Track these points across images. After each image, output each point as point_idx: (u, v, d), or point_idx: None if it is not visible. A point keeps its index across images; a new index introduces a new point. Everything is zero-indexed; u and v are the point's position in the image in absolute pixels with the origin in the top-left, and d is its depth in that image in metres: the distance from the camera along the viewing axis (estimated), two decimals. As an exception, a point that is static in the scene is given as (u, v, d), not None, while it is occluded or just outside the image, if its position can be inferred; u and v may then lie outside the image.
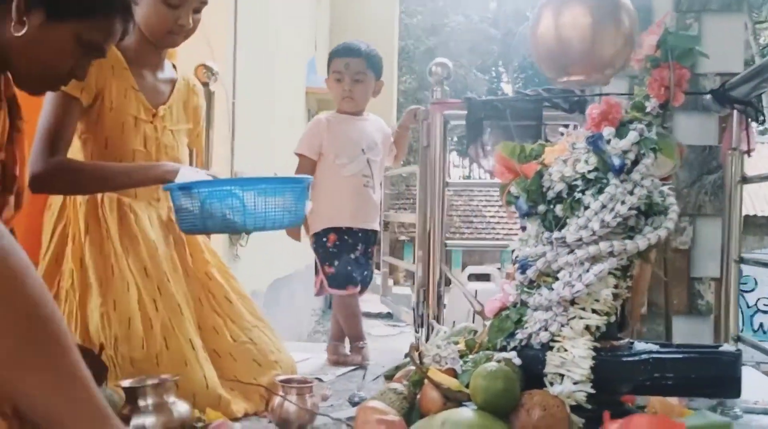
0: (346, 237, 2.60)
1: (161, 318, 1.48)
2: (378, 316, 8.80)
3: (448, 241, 2.60)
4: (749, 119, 1.98)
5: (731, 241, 2.01)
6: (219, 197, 1.45)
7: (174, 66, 1.84)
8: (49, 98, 1.52)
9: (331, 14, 8.77)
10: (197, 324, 1.58)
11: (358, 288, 2.60)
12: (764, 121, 2.01)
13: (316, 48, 7.59)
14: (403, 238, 12.09)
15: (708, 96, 2.10)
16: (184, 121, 1.80)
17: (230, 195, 1.45)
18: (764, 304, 9.30)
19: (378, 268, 4.42)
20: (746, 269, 2.47)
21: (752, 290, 9.19)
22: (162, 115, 1.71)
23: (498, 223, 13.64)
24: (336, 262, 2.57)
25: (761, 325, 9.36)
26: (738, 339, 2.00)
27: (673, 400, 1.63)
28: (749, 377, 2.32)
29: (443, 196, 2.52)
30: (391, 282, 9.65)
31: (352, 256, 2.61)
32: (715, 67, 2.15)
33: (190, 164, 1.86)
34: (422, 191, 2.54)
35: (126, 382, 1.31)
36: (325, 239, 2.59)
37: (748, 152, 1.94)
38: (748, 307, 9.39)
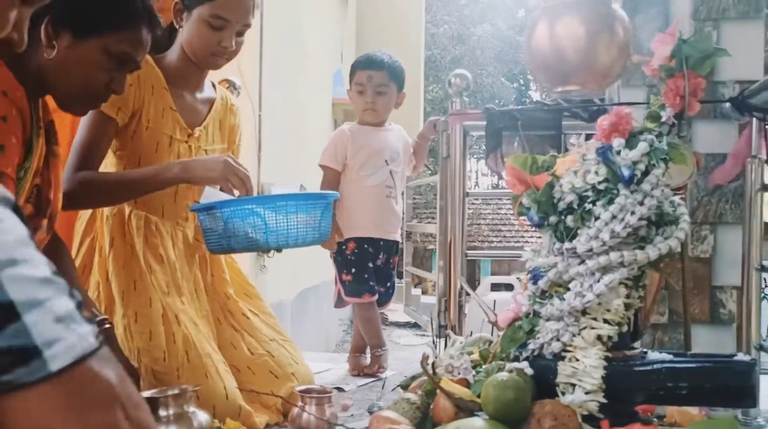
0: (366, 246, 2.63)
1: (182, 332, 1.52)
2: (405, 325, 8.81)
3: (469, 252, 2.62)
4: (768, 127, 1.97)
5: (752, 249, 1.99)
6: (241, 216, 1.48)
7: (214, 85, 1.87)
8: (86, 116, 1.56)
9: (357, 25, 8.84)
10: (216, 341, 1.62)
11: (375, 297, 2.62)
12: (785, 128, 1.99)
13: (342, 59, 7.66)
14: (431, 247, 12.09)
15: (727, 104, 2.09)
16: (219, 141, 1.83)
17: (252, 214, 1.47)
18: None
19: (401, 277, 4.45)
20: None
21: (782, 296, 9.03)
22: (197, 135, 1.75)
23: (527, 231, 13.55)
24: (353, 270, 2.60)
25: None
26: (760, 347, 1.98)
27: (693, 410, 1.62)
28: (775, 387, 2.29)
29: (464, 206, 2.53)
30: (419, 291, 9.65)
31: (371, 265, 2.64)
32: (734, 74, 2.14)
33: None
34: (443, 201, 2.56)
35: (147, 393, 1.35)
36: (344, 247, 2.63)
37: (768, 161, 1.92)
38: (781, 313, 9.22)
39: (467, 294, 2.47)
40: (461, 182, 2.51)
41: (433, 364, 1.34)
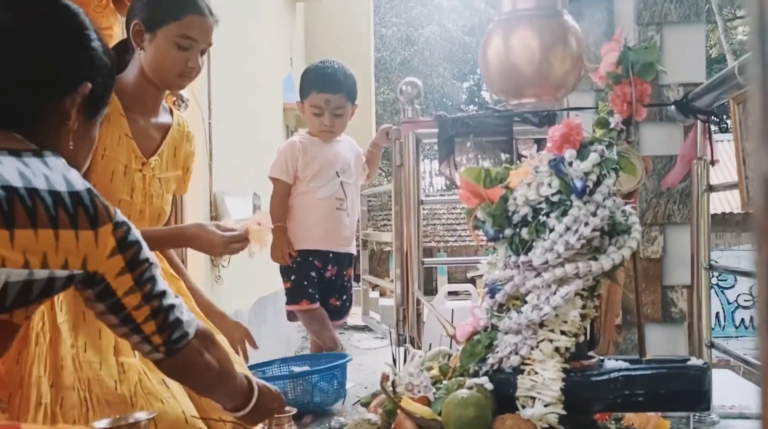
0: (310, 258, 2.61)
1: (134, 362, 1.48)
2: (365, 329, 8.78)
3: (425, 259, 2.61)
4: (712, 128, 2.02)
5: (700, 248, 2.04)
6: None
7: (171, 110, 1.82)
8: None
9: (305, 29, 8.78)
10: None
11: (315, 304, 2.60)
12: (726, 129, 2.04)
13: (292, 64, 7.60)
14: (387, 249, 12.11)
15: (672, 107, 2.14)
16: (173, 169, 1.78)
17: None
18: (744, 300, 9.41)
19: (358, 281, 4.43)
20: (726, 265, 2.49)
21: (732, 286, 9.31)
22: (152, 165, 1.69)
23: (481, 229, 13.61)
24: (293, 277, 2.58)
25: (742, 320, 9.47)
26: (711, 345, 2.03)
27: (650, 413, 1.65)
28: (727, 381, 2.35)
29: (418, 214, 2.53)
30: (377, 294, 9.63)
31: (313, 274, 2.61)
32: (678, 77, 2.19)
33: (172, 207, 1.86)
34: (398, 209, 2.55)
35: (100, 423, 1.30)
36: (291, 257, 2.61)
37: (713, 162, 1.97)
38: (729, 303, 9.50)
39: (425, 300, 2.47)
40: (415, 190, 2.50)
41: (392, 382, 1.33)
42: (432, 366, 1.45)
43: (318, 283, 2.63)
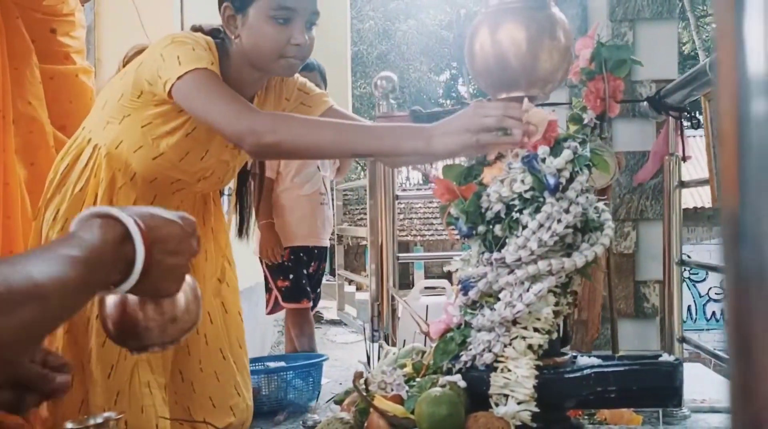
0: (301, 254, 2.61)
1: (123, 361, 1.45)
2: (341, 323, 8.77)
3: (400, 255, 2.61)
4: (683, 124, 2.04)
5: (672, 243, 2.06)
6: None
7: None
8: (196, 84, 1.33)
9: (281, 22, 8.71)
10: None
11: (311, 303, 2.61)
12: (699, 125, 2.06)
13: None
14: (364, 243, 12.10)
15: (644, 103, 2.15)
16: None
17: None
18: (716, 293, 9.55)
19: (333, 276, 4.41)
20: (698, 259, 2.51)
21: (703, 280, 9.44)
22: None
23: (458, 223, 13.65)
24: (291, 276, 2.58)
25: (713, 313, 9.61)
26: (683, 339, 2.05)
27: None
28: (697, 374, 2.38)
29: (393, 210, 2.53)
30: (353, 288, 9.62)
31: (305, 271, 2.62)
32: (650, 74, 2.21)
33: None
34: (372, 205, 2.54)
35: (69, 424, 1.28)
36: (282, 254, 2.60)
37: (684, 158, 1.99)
38: (701, 296, 9.64)
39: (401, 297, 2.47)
40: (390, 185, 2.50)
41: (365, 380, 1.32)
42: (405, 363, 1.44)
43: (308, 278, 2.65)
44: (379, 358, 1.64)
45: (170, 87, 1.33)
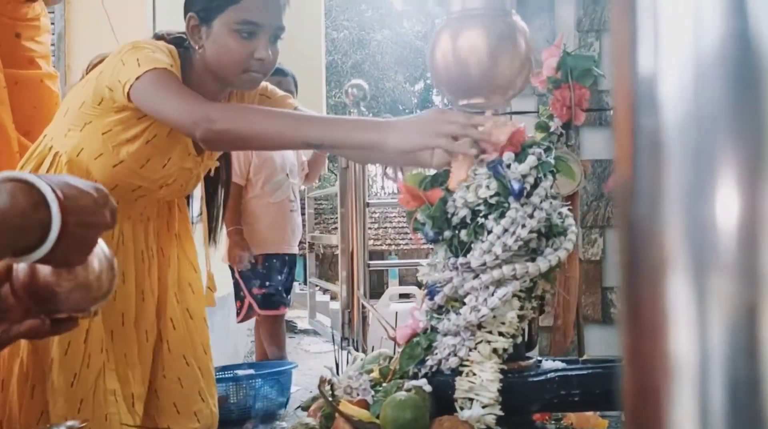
0: (274, 260, 2.61)
1: (99, 348, 1.43)
2: (314, 332, 8.74)
3: (371, 262, 2.62)
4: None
5: (639, 251, 2.09)
6: None
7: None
8: (153, 82, 1.32)
9: (255, 31, 8.70)
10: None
11: (287, 310, 2.61)
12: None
13: (241, 65, 7.51)
14: (337, 252, 12.08)
15: (611, 112, 2.19)
16: None
17: None
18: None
19: (306, 284, 4.39)
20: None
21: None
22: (206, 155, 1.57)
23: (432, 232, 13.72)
24: (267, 283, 2.57)
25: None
26: (649, 345, 2.07)
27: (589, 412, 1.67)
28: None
29: (364, 217, 2.53)
30: (327, 297, 9.58)
31: (280, 277, 2.62)
32: (617, 83, 2.25)
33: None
34: (343, 212, 2.55)
35: (29, 433, 1.27)
36: (254, 261, 2.59)
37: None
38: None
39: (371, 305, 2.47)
40: (361, 193, 2.50)
41: (332, 385, 1.32)
42: (372, 369, 1.44)
43: (282, 285, 2.65)
44: (347, 364, 1.64)
45: (129, 88, 1.32)
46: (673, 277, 0.26)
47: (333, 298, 10.41)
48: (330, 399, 1.26)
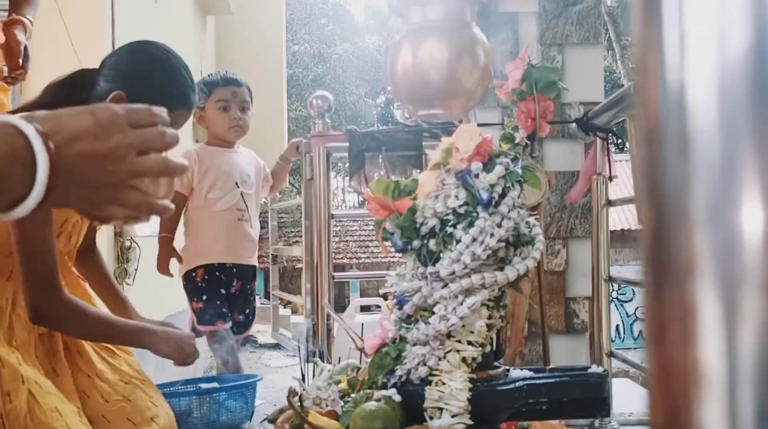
0: (217, 273, 2.55)
1: (24, 389, 1.38)
2: (276, 347, 8.65)
3: (336, 273, 2.60)
4: (610, 146, 2.11)
5: (600, 261, 2.12)
6: None
7: None
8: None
9: (216, 43, 8.64)
10: (65, 389, 1.49)
11: (229, 324, 2.54)
12: (624, 147, 2.14)
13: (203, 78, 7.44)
14: (300, 266, 12.01)
15: (573, 124, 2.22)
16: None
17: None
18: (642, 313, 9.89)
19: (269, 299, 4.34)
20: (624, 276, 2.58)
21: (631, 300, 9.76)
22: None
23: (393, 245, 13.76)
24: (204, 297, 2.51)
25: (641, 332, 9.94)
26: (611, 354, 2.10)
27: (554, 422, 1.69)
28: (625, 389, 2.45)
29: (329, 229, 2.52)
30: (288, 311, 9.50)
31: (223, 291, 2.56)
32: (578, 96, 2.28)
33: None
34: (308, 223, 2.53)
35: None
36: (194, 274, 2.54)
37: (611, 178, 2.05)
38: (628, 316, 9.95)
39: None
40: (326, 204, 2.49)
41: (300, 396, 1.30)
42: (341, 379, 1.43)
43: (227, 299, 2.57)
44: (314, 375, 1.63)
45: None
46: (701, 288, 0.26)
47: (294, 312, 10.32)
48: (299, 410, 1.24)
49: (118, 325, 1.57)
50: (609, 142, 2.11)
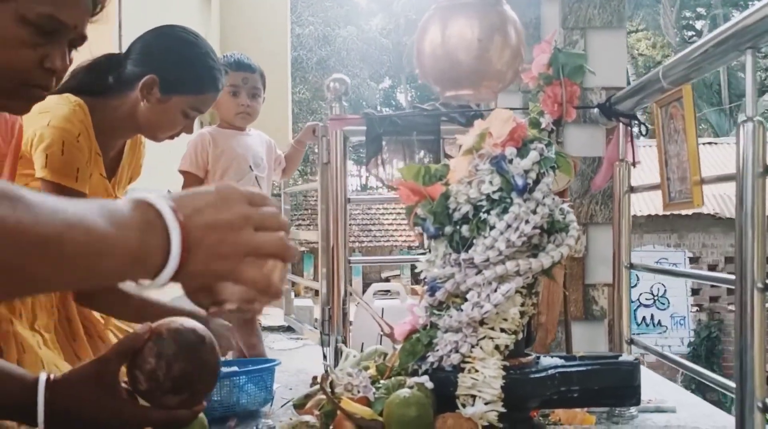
0: None
1: None
2: (279, 329, 8.66)
3: (352, 258, 2.58)
4: (633, 131, 2.09)
5: (621, 248, 2.10)
6: None
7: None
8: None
9: (221, 26, 8.58)
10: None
11: None
12: (647, 132, 2.12)
13: (207, 59, 7.37)
14: (302, 249, 11.98)
15: (595, 110, 2.19)
16: (126, 183, 1.83)
17: None
18: (646, 299, 9.89)
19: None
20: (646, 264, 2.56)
21: (634, 286, 9.77)
22: (116, 192, 1.73)
23: (396, 230, 13.80)
24: None
25: (644, 318, 9.96)
26: (631, 342, 2.09)
27: (577, 408, 1.68)
28: (643, 376, 2.44)
29: (345, 212, 2.50)
30: (292, 295, 9.51)
31: None
32: (601, 81, 2.25)
33: None
34: (324, 208, 2.51)
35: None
36: None
37: (634, 164, 2.03)
38: (632, 302, 9.97)
39: (351, 302, 2.44)
40: (342, 188, 2.47)
41: (330, 382, 1.29)
42: (368, 365, 1.42)
43: None
44: (336, 361, 1.62)
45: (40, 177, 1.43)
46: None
47: (296, 295, 10.32)
48: (332, 396, 1.23)
49: (159, 304, 1.57)
50: (632, 127, 2.09)
